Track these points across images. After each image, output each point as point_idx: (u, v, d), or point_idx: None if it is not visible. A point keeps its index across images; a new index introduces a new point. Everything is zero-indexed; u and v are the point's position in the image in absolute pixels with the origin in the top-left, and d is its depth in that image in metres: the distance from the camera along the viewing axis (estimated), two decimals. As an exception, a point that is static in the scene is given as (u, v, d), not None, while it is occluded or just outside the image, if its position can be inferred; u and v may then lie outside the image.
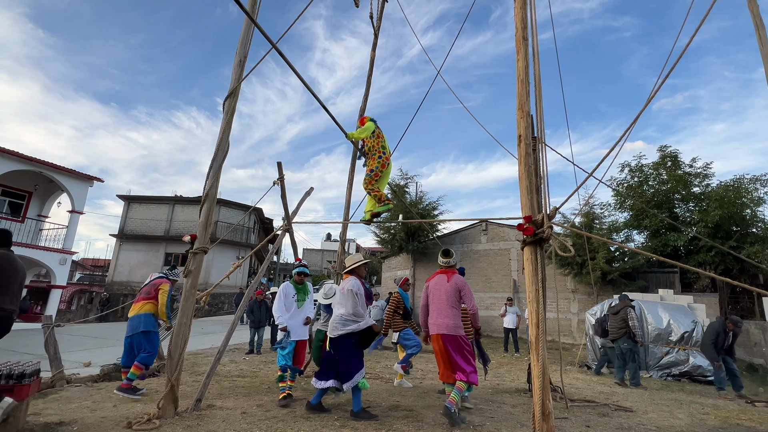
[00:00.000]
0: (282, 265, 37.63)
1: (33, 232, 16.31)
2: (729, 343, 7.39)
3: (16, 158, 14.59)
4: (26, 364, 3.67)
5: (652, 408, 5.59)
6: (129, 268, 24.73)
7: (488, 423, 4.32)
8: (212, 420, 4.03)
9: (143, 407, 4.46)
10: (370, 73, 8.29)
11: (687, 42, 3.13)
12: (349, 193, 7.81)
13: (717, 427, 4.83)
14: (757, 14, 3.29)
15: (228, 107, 4.77)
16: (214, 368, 4.85)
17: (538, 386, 2.80)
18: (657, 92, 3.29)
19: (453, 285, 4.46)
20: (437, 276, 4.69)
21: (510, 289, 16.97)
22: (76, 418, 4.01)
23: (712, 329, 7.51)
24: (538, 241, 3.09)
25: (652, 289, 13.67)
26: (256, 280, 5.93)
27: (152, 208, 25.92)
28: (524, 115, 3.37)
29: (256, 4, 5.03)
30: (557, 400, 5.34)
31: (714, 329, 7.46)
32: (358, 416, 4.22)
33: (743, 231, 14.50)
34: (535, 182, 3.28)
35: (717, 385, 7.32)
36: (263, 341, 9.85)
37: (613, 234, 15.39)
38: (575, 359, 10.27)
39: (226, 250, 24.96)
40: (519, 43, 3.55)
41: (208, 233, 4.63)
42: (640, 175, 16.41)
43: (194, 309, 4.63)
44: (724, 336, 7.34)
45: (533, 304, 2.98)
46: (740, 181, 14.59)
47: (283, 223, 6.64)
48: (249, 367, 7.54)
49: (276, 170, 6.49)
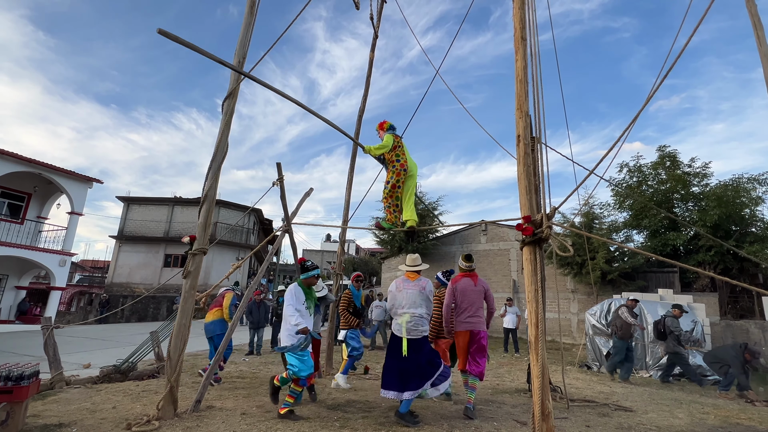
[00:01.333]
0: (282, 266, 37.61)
1: (32, 234, 16.29)
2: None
3: (15, 160, 14.58)
4: (25, 365, 3.66)
5: (652, 408, 5.58)
6: (128, 269, 24.70)
7: (488, 423, 4.32)
8: (212, 421, 4.03)
9: (143, 408, 4.46)
10: (369, 73, 8.30)
11: (685, 42, 3.13)
12: (348, 194, 7.82)
13: (717, 426, 4.83)
14: (755, 14, 3.29)
15: (227, 108, 4.78)
16: (213, 369, 4.85)
17: (538, 386, 2.80)
18: (656, 92, 3.30)
19: (481, 287, 4.89)
20: (463, 279, 4.96)
21: (510, 289, 16.98)
22: (75, 419, 4.00)
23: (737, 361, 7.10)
24: (537, 241, 3.08)
25: (651, 289, 13.67)
26: (255, 281, 5.92)
27: (152, 209, 25.91)
28: (523, 115, 3.38)
29: (255, 4, 5.04)
30: (557, 400, 5.34)
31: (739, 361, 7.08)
32: (403, 418, 4.11)
33: (742, 230, 14.51)
34: (534, 182, 3.28)
35: (723, 384, 7.24)
36: (263, 342, 9.84)
37: (613, 234, 15.39)
38: (575, 359, 10.27)
39: (226, 251, 24.94)
40: (517, 44, 3.56)
41: (208, 234, 4.63)
42: (639, 175, 16.42)
43: (193, 310, 4.63)
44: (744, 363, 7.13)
45: (532, 304, 2.98)
46: (739, 180, 14.60)
47: (282, 224, 6.64)
48: (248, 368, 7.53)
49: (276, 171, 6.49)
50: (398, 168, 5.30)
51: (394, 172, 5.31)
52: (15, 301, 16.68)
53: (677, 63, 3.17)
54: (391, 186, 5.30)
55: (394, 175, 5.30)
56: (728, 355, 7.33)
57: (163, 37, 3.10)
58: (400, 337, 4.35)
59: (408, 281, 4.62)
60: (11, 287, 16.62)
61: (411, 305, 4.43)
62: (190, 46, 3.32)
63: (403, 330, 4.35)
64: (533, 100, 3.60)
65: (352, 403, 4.94)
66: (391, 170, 5.34)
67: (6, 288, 16.45)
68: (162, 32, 3.06)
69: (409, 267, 4.74)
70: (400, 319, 4.42)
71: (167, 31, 3.10)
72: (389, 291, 4.71)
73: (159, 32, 3.03)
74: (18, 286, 16.84)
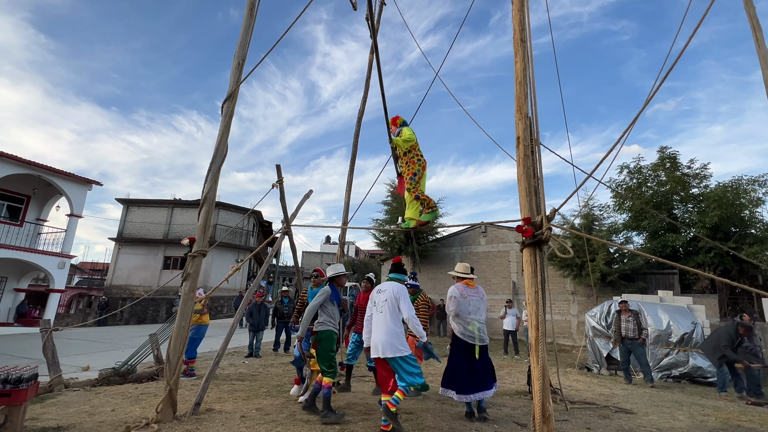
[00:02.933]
0: (281, 268, 37.52)
1: (31, 236, 16.27)
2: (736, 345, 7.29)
3: (14, 162, 14.56)
4: (24, 368, 3.64)
5: (652, 410, 5.57)
6: (128, 271, 24.66)
7: (488, 426, 4.31)
8: (211, 424, 4.01)
9: (142, 411, 4.44)
10: (369, 76, 8.30)
11: (684, 45, 3.14)
12: (348, 196, 7.81)
13: (718, 428, 4.82)
14: (753, 16, 3.30)
15: (226, 110, 4.78)
16: (213, 372, 4.84)
17: (539, 388, 2.79)
18: (655, 94, 3.30)
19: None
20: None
21: (509, 291, 16.96)
22: (74, 422, 3.99)
23: (727, 334, 7.19)
24: (537, 242, 3.08)
25: (651, 291, 13.66)
26: (255, 283, 5.90)
27: (151, 211, 25.88)
28: (522, 116, 3.38)
29: (255, 6, 5.05)
30: (557, 402, 5.33)
31: (729, 334, 7.17)
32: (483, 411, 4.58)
33: (742, 232, 14.53)
34: (534, 184, 3.28)
35: (719, 386, 7.26)
36: (262, 344, 9.82)
37: (613, 235, 15.40)
38: (575, 361, 10.26)
39: (226, 253, 24.91)
40: (517, 45, 3.56)
41: (207, 236, 4.63)
42: (638, 177, 16.44)
43: (193, 312, 4.61)
44: (736, 340, 7.16)
45: (533, 305, 2.97)
46: (738, 182, 14.62)
47: (282, 225, 6.64)
48: (248, 371, 7.51)
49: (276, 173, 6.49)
50: (423, 162, 5.52)
51: (420, 165, 5.48)
52: (14, 303, 16.63)
53: (676, 65, 3.18)
54: (417, 178, 5.45)
55: (420, 167, 5.47)
56: (720, 332, 7.35)
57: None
58: (473, 344, 4.62)
59: (468, 288, 4.81)
60: (10, 289, 16.58)
61: (475, 312, 4.70)
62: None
63: (476, 337, 4.62)
64: (530, 102, 3.61)
65: (352, 406, 4.93)
66: (416, 163, 5.48)
67: (5, 290, 16.41)
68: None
69: (462, 274, 4.92)
70: (470, 326, 4.65)
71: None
72: (451, 296, 4.79)
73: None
74: (17, 288, 16.80)
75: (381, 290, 4.35)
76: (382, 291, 4.31)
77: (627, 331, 8.32)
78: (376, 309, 4.24)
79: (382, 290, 4.32)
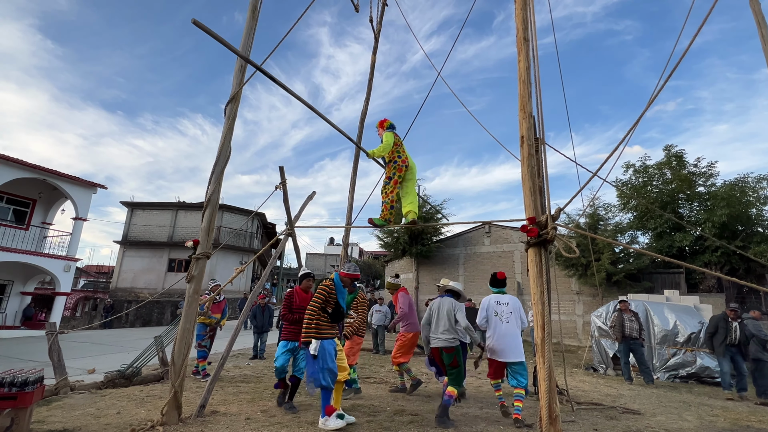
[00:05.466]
0: (285, 270, 37.59)
1: (37, 240, 16.39)
2: (736, 337, 7.23)
3: (20, 166, 14.68)
4: (30, 371, 3.66)
5: (660, 410, 5.52)
6: (133, 274, 24.79)
7: (494, 426, 4.28)
8: (216, 426, 4.01)
9: (147, 414, 4.44)
10: (371, 77, 8.30)
11: (688, 44, 3.11)
12: (351, 197, 7.80)
13: (726, 429, 4.77)
14: (759, 13, 3.27)
15: (229, 112, 4.78)
16: (217, 374, 4.84)
17: (545, 389, 2.77)
18: (659, 93, 3.28)
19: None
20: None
21: (514, 291, 16.88)
22: (80, 425, 4.00)
23: (713, 321, 7.65)
24: (542, 242, 3.06)
25: (657, 290, 13.56)
26: (259, 285, 5.90)
27: (155, 214, 26.01)
28: (526, 116, 3.36)
29: (257, 8, 5.06)
30: (563, 403, 5.28)
31: (714, 321, 7.59)
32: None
33: (749, 230, 14.40)
34: (538, 183, 3.26)
35: (722, 383, 7.25)
36: (266, 346, 9.82)
37: (618, 235, 15.30)
38: (581, 362, 10.19)
39: (229, 256, 24.98)
40: (520, 44, 3.55)
41: (211, 238, 4.63)
42: (644, 176, 16.34)
43: (197, 314, 4.62)
44: (726, 326, 7.30)
45: (538, 306, 2.95)
46: (745, 180, 14.50)
47: (285, 227, 6.63)
48: (253, 373, 7.52)
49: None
50: (399, 164, 5.29)
51: (396, 168, 5.27)
52: (20, 306, 16.74)
53: (680, 64, 3.16)
54: (393, 182, 5.26)
55: (395, 171, 5.27)
56: (711, 322, 7.62)
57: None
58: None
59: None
60: (16, 293, 16.70)
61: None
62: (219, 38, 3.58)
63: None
64: (535, 100, 3.59)
65: (358, 407, 4.91)
66: (392, 167, 5.30)
67: (11, 293, 16.53)
68: (195, 23, 3.33)
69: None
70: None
71: (201, 23, 3.36)
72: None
73: (193, 22, 3.32)
74: (23, 291, 16.91)
75: (501, 302, 4.90)
76: (503, 303, 4.88)
77: (631, 330, 8.26)
78: (502, 319, 4.80)
79: (503, 302, 4.89)
